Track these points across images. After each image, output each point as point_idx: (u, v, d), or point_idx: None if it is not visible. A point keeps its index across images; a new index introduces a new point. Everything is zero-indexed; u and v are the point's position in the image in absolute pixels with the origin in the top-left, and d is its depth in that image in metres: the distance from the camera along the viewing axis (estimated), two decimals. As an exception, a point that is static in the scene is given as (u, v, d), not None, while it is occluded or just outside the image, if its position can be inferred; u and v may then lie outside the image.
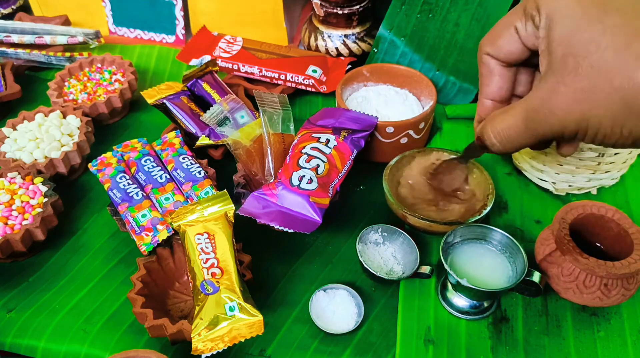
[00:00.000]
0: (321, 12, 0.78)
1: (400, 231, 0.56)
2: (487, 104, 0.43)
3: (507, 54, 0.40)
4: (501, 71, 0.41)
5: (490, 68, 0.41)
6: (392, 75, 0.71)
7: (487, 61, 0.41)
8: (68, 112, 0.68)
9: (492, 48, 0.40)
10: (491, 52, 0.40)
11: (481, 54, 0.41)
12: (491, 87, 0.42)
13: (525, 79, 0.43)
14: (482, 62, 0.42)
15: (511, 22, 0.38)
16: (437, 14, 0.72)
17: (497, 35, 0.40)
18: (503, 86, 0.42)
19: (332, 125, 0.61)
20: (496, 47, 0.40)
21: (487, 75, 0.42)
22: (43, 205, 0.58)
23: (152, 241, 0.53)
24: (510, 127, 0.38)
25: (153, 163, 0.60)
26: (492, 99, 0.42)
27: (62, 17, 0.89)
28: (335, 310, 0.52)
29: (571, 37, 0.33)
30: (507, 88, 0.42)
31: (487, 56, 0.41)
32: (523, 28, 0.37)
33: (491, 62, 0.41)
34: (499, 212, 0.61)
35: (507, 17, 0.39)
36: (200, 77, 0.71)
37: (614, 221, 0.51)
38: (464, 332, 0.51)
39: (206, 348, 0.45)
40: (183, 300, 0.54)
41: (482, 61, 0.41)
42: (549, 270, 0.51)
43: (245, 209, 0.52)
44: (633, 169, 0.65)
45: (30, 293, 0.56)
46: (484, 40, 0.41)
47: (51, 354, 0.51)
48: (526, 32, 0.37)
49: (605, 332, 0.51)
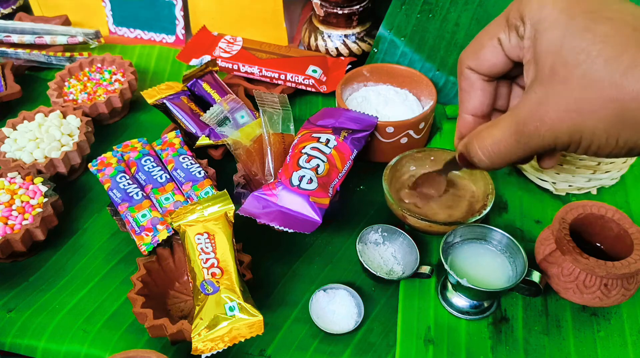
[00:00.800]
0: (321, 12, 0.78)
1: (400, 231, 0.56)
2: (468, 119, 0.41)
3: (490, 67, 0.38)
4: (483, 85, 0.40)
5: (471, 82, 0.40)
6: (392, 75, 0.71)
7: (469, 75, 0.40)
8: (68, 112, 0.68)
9: (474, 62, 0.39)
10: (473, 65, 0.39)
11: (462, 67, 0.40)
12: (472, 103, 0.41)
13: (504, 92, 0.42)
14: (462, 76, 0.40)
15: (494, 34, 0.37)
16: (437, 14, 0.72)
17: (479, 47, 0.38)
18: (484, 101, 0.40)
19: (332, 125, 0.61)
20: (478, 60, 0.38)
21: (468, 90, 0.40)
22: (43, 205, 0.58)
23: (152, 241, 0.53)
24: (498, 142, 0.36)
25: (153, 163, 0.60)
26: (473, 114, 0.41)
27: (62, 17, 0.89)
28: (335, 310, 0.52)
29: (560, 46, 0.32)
30: (489, 103, 0.41)
31: (469, 70, 0.39)
32: (507, 39, 0.36)
33: (472, 76, 0.40)
34: (499, 212, 0.61)
35: (489, 29, 0.38)
36: (200, 77, 0.71)
37: (614, 221, 0.51)
38: (464, 332, 0.51)
39: (206, 348, 0.45)
40: (183, 300, 0.54)
41: (463, 75, 0.40)
42: (549, 270, 0.51)
43: (245, 209, 0.52)
44: (633, 169, 0.65)
45: (30, 293, 0.56)
46: (465, 54, 0.40)
47: (51, 354, 0.51)
48: (510, 43, 0.36)
49: (605, 332, 0.51)
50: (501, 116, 0.36)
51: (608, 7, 0.31)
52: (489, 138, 0.37)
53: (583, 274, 0.48)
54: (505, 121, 0.35)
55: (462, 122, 0.42)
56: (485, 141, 0.37)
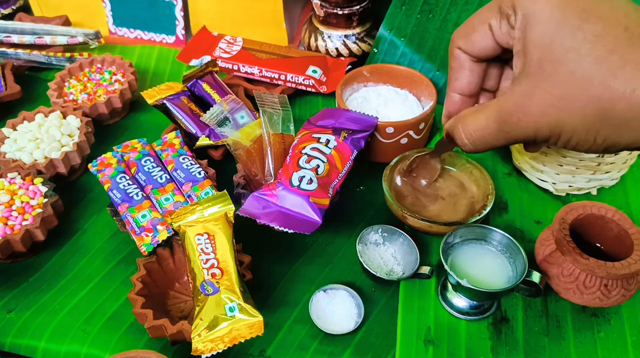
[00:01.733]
0: (321, 13, 0.78)
1: (400, 231, 0.56)
2: (456, 98, 0.42)
3: (479, 50, 0.39)
4: (471, 66, 0.40)
5: (460, 62, 0.41)
6: (392, 75, 0.71)
7: (458, 55, 0.40)
8: (68, 113, 0.68)
9: (464, 43, 0.39)
10: (463, 46, 0.40)
11: (453, 47, 0.41)
12: (460, 82, 0.41)
13: (495, 73, 0.42)
14: (452, 55, 0.41)
15: (486, 19, 0.37)
16: (437, 14, 0.72)
17: (471, 30, 0.39)
18: (473, 81, 0.41)
19: (332, 125, 0.61)
20: (469, 42, 0.39)
21: (457, 69, 0.41)
22: (43, 205, 0.57)
23: (152, 242, 0.53)
24: (482, 129, 0.37)
25: (153, 164, 0.60)
26: (460, 94, 0.42)
27: (62, 18, 0.89)
28: (335, 310, 0.52)
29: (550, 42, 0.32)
30: (477, 83, 0.41)
31: (459, 50, 0.40)
32: (497, 26, 0.37)
33: (462, 56, 0.40)
34: (499, 212, 0.61)
35: (482, 13, 0.38)
36: (200, 78, 0.71)
37: (614, 222, 0.51)
38: (464, 332, 0.51)
39: (206, 349, 0.45)
40: (183, 301, 0.54)
41: (453, 54, 0.41)
42: (549, 270, 0.51)
43: (245, 209, 0.52)
44: (633, 169, 0.65)
45: (30, 293, 0.56)
46: (457, 33, 0.40)
47: (51, 354, 0.51)
48: (500, 30, 0.37)
49: (605, 333, 0.51)
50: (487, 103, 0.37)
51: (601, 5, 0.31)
52: (473, 123, 0.38)
53: (583, 274, 0.48)
54: (490, 109, 0.36)
55: (449, 101, 0.43)
56: (469, 127, 0.38)
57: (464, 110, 0.39)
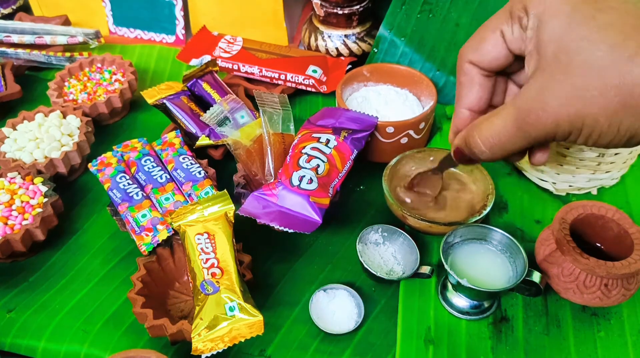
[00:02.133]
0: (321, 12, 0.78)
1: (400, 231, 0.56)
2: (465, 114, 0.41)
3: (490, 61, 0.38)
4: (482, 80, 0.40)
5: (470, 77, 0.40)
6: (392, 75, 0.71)
7: (469, 69, 0.40)
8: (68, 112, 0.68)
9: (475, 55, 0.39)
10: (474, 59, 0.39)
11: (462, 62, 0.40)
12: (470, 98, 0.41)
13: (501, 89, 0.42)
14: (462, 71, 0.40)
15: (496, 26, 0.37)
16: (437, 14, 0.72)
17: (481, 42, 0.38)
18: (483, 96, 0.41)
19: (332, 125, 0.61)
20: (480, 53, 0.38)
21: (467, 84, 0.40)
22: (43, 205, 0.57)
23: (152, 241, 0.53)
24: (499, 132, 0.36)
25: (153, 163, 0.60)
26: (470, 109, 0.41)
27: (62, 17, 0.89)
28: (335, 310, 0.52)
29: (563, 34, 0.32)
30: (487, 98, 0.41)
31: (469, 64, 0.40)
32: (510, 31, 0.36)
33: (473, 70, 0.40)
34: (499, 212, 0.61)
35: (490, 22, 0.38)
36: (200, 77, 0.71)
37: (614, 221, 0.51)
38: (464, 332, 0.51)
39: (206, 349, 0.45)
40: (183, 300, 0.54)
41: (463, 69, 0.40)
42: (549, 270, 0.51)
43: (245, 209, 0.52)
44: (633, 169, 0.65)
45: (30, 293, 0.56)
46: (466, 48, 0.40)
47: (51, 354, 0.51)
48: (513, 35, 0.36)
49: (605, 332, 0.51)
50: (501, 106, 0.36)
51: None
52: (489, 128, 0.37)
53: (583, 274, 0.48)
54: (506, 111, 0.35)
55: (458, 117, 0.42)
56: (485, 132, 0.37)
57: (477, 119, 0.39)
